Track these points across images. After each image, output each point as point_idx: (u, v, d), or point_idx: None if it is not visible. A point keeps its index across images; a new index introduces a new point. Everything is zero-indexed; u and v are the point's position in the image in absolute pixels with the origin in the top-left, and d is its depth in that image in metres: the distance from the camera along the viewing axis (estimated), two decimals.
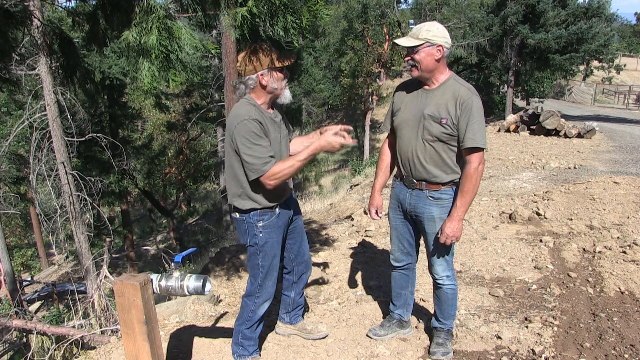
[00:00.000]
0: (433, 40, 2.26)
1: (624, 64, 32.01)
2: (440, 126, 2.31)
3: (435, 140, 2.35)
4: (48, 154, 5.99)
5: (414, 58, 2.30)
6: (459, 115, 2.28)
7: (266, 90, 2.34)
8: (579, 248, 4.01)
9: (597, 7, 16.64)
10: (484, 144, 2.28)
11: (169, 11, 2.83)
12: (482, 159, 2.31)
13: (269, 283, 2.50)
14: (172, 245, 19.02)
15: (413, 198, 2.50)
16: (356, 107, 30.23)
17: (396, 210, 2.64)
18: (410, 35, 2.31)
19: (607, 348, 2.63)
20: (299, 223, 2.69)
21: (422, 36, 2.26)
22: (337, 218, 6.73)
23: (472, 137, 2.27)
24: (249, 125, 2.23)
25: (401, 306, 2.85)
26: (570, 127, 11.07)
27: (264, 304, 2.53)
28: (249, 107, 2.31)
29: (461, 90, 2.31)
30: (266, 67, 2.29)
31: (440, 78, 2.36)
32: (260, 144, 2.24)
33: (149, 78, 2.76)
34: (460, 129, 2.29)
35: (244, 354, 2.61)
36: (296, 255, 2.70)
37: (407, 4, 29.12)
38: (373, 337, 2.85)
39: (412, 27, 26.00)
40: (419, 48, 2.27)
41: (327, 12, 3.05)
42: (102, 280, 4.74)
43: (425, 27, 2.28)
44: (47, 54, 5.42)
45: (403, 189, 2.55)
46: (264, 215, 2.41)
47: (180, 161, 20.28)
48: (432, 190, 2.43)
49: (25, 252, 22.08)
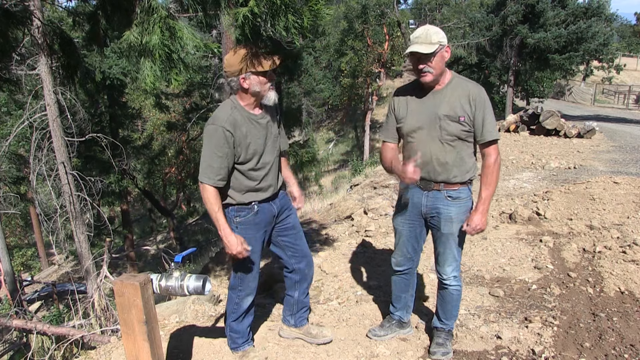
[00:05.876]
0: (443, 42, 2.27)
1: (624, 64, 31.97)
2: (458, 124, 2.33)
3: (454, 140, 2.36)
4: (48, 154, 6.00)
5: (430, 64, 2.27)
6: (474, 111, 2.31)
7: (248, 92, 2.35)
8: (579, 248, 4.01)
9: (596, 7, 16.65)
10: (499, 136, 2.37)
11: (170, 11, 2.83)
12: (499, 151, 2.38)
13: (250, 277, 2.54)
14: (172, 245, 19.01)
15: (430, 200, 2.48)
16: (356, 107, 30.23)
17: (406, 215, 2.60)
18: (422, 41, 2.25)
19: (607, 348, 2.64)
20: (291, 221, 2.66)
21: (435, 40, 2.24)
22: (337, 218, 6.73)
23: (491, 131, 2.33)
24: (215, 133, 2.26)
25: (401, 308, 2.86)
26: (570, 127, 11.07)
27: (247, 297, 2.57)
28: (228, 110, 2.33)
29: (470, 86, 2.35)
30: (248, 71, 2.28)
31: (446, 78, 2.38)
32: (216, 153, 2.27)
33: (151, 78, 2.76)
34: (476, 125, 2.33)
35: (234, 346, 2.68)
36: (293, 253, 2.68)
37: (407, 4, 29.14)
38: (372, 338, 2.85)
39: (412, 27, 26.03)
40: (436, 52, 2.25)
41: (328, 11, 3.06)
42: (102, 280, 4.74)
43: (433, 31, 2.27)
44: (47, 54, 5.42)
45: (417, 191, 2.51)
46: (241, 212, 2.44)
47: (180, 161, 20.25)
48: (450, 190, 2.44)
49: (25, 252, 22.08)
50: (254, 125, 2.37)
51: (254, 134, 2.36)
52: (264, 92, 2.35)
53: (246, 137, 2.33)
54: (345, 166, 24.82)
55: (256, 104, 2.41)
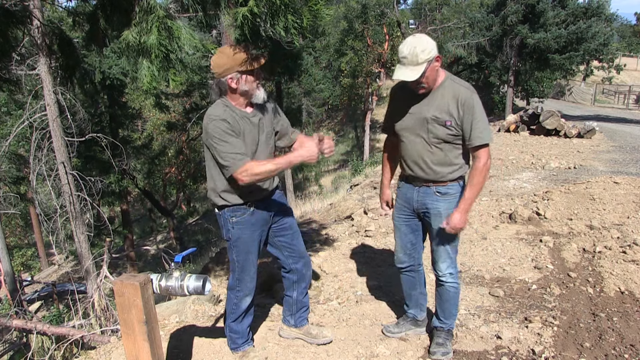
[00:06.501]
0: (431, 56, 2.22)
1: (624, 64, 31.94)
2: (445, 128, 2.33)
3: (441, 142, 2.37)
4: (48, 154, 6.00)
5: (422, 82, 2.27)
6: (462, 116, 2.30)
7: (237, 92, 2.36)
8: (579, 248, 4.01)
9: (596, 7, 16.66)
10: (490, 139, 2.32)
11: (169, 11, 2.83)
12: (489, 154, 2.35)
13: (247, 278, 2.54)
14: (172, 245, 19.02)
15: (420, 195, 2.52)
16: (356, 107, 30.23)
17: (401, 210, 2.65)
18: (409, 63, 2.21)
19: (607, 348, 2.63)
20: (288, 221, 2.67)
21: (422, 59, 2.20)
22: (337, 218, 6.73)
23: (479, 135, 2.30)
24: (218, 125, 2.28)
25: (413, 306, 2.87)
26: (570, 127, 11.07)
27: (245, 298, 2.57)
28: (221, 108, 2.35)
29: (461, 91, 2.32)
30: (235, 71, 2.30)
31: (438, 80, 2.38)
32: (229, 142, 2.28)
33: (149, 78, 2.77)
34: (465, 129, 2.32)
35: (234, 346, 2.69)
36: (290, 253, 2.68)
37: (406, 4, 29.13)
38: (387, 334, 2.88)
39: (412, 27, 26.02)
40: (425, 71, 2.22)
41: (328, 12, 3.06)
42: (102, 280, 4.74)
43: (419, 49, 2.19)
44: (47, 54, 5.42)
45: (410, 187, 2.57)
46: (237, 212, 2.45)
47: (180, 161, 20.27)
48: (439, 185, 2.46)
49: (25, 252, 22.08)
50: (247, 122, 2.40)
51: (248, 131, 2.39)
52: (252, 91, 2.37)
53: (243, 133, 2.36)
54: (345, 166, 24.83)
55: (247, 102, 2.42)
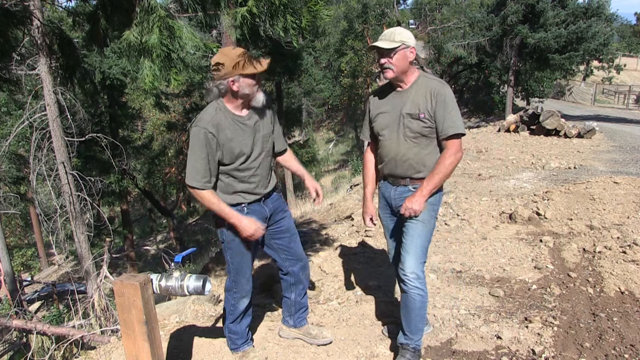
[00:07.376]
0: (407, 42, 2.32)
1: (624, 64, 31.93)
2: (419, 121, 2.37)
3: (417, 137, 2.40)
4: (48, 154, 6.00)
5: (390, 61, 2.34)
6: (434, 107, 2.34)
7: (237, 95, 2.35)
8: (579, 248, 4.01)
9: (596, 7, 16.66)
10: (463, 130, 2.36)
11: (170, 11, 2.83)
12: (461, 147, 2.37)
13: (243, 280, 2.54)
14: (172, 245, 19.03)
15: (397, 194, 2.55)
16: (356, 107, 30.25)
17: (385, 209, 2.69)
18: (386, 38, 2.34)
19: (607, 348, 2.63)
20: (285, 224, 2.66)
21: (398, 39, 2.31)
22: (337, 218, 6.73)
23: (453, 125, 2.33)
24: (198, 133, 2.29)
25: None
26: (570, 127, 11.07)
27: (242, 299, 2.58)
28: (212, 112, 2.34)
29: (433, 84, 2.38)
30: (237, 74, 2.28)
31: (412, 78, 2.42)
32: (197, 157, 2.29)
33: (150, 77, 2.77)
34: (438, 120, 2.35)
35: (234, 347, 2.69)
36: (287, 256, 2.68)
37: (406, 4, 29.13)
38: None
39: (412, 27, 26.05)
40: (397, 49, 2.32)
41: (327, 12, 3.06)
42: (102, 280, 4.74)
43: (398, 31, 2.34)
44: (47, 54, 5.42)
45: (388, 187, 2.60)
46: None
47: (180, 161, 20.27)
48: (415, 184, 2.48)
49: (25, 252, 22.08)
50: (239, 127, 2.37)
51: (239, 135, 2.36)
52: (252, 95, 2.36)
53: (231, 140, 2.33)
54: (345, 166, 24.85)
55: (243, 106, 2.41)
